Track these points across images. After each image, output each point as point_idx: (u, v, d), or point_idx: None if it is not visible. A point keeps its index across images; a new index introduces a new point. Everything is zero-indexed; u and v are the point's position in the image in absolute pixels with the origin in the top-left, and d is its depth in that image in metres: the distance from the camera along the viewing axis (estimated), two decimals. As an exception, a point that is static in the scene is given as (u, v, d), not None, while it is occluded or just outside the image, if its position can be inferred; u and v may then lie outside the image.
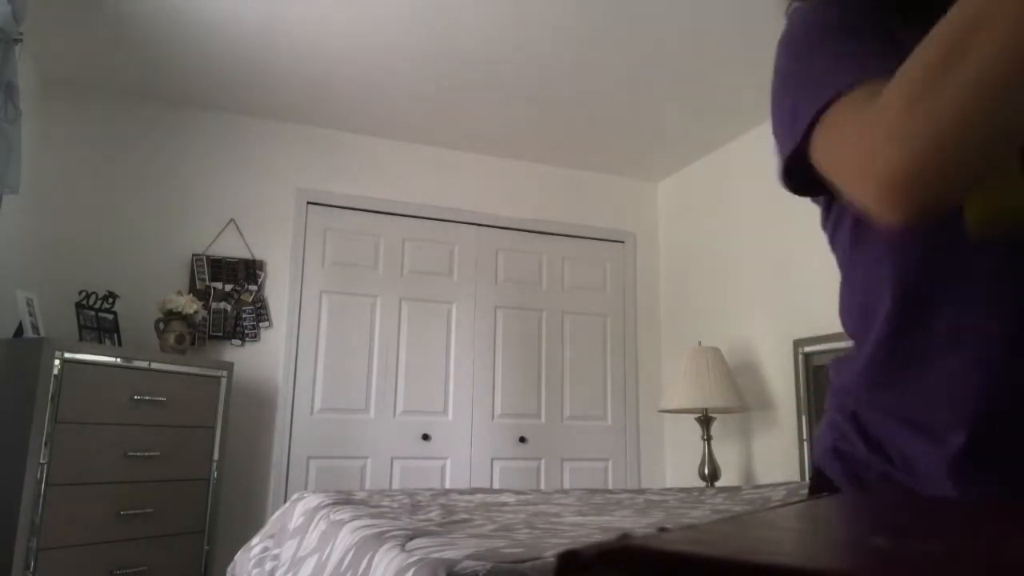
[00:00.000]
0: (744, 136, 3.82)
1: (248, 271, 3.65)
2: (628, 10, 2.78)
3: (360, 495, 2.18)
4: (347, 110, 3.71)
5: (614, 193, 4.47)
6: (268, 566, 1.87)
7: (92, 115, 3.52)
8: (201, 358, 3.30)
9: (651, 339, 4.39)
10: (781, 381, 3.42)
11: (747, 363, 3.65)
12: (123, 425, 2.73)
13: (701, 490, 2.91)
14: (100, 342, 3.10)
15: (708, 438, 3.48)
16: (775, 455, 3.44)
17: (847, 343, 0.84)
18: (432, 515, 1.76)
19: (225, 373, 3.13)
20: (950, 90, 0.48)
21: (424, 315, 3.98)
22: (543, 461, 4.04)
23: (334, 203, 3.89)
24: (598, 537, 1.40)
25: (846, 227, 0.75)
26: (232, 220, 3.68)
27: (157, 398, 2.83)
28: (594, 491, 2.75)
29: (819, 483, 0.80)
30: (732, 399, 3.34)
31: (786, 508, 0.50)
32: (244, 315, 3.61)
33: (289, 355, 3.66)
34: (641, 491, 2.79)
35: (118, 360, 2.77)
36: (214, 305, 3.56)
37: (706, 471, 3.42)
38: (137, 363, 2.81)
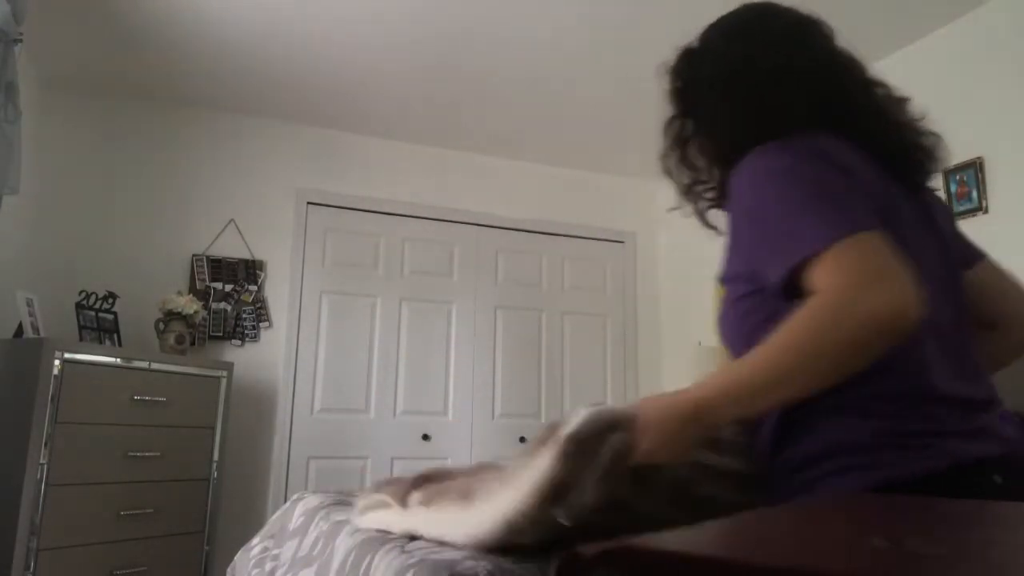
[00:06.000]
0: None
1: (248, 271, 3.65)
2: (628, 10, 2.78)
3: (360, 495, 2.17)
4: (347, 110, 3.71)
5: (614, 193, 4.47)
6: (268, 566, 1.87)
7: (92, 115, 3.52)
8: (201, 358, 3.30)
9: (651, 339, 4.39)
10: (781, 381, 3.41)
11: (747, 363, 3.64)
12: (123, 425, 2.72)
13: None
14: (100, 342, 3.10)
15: (708, 438, 3.47)
16: (775, 455, 3.43)
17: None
18: (432, 515, 1.75)
19: (225, 373, 3.12)
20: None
21: (424, 315, 3.98)
22: (543, 461, 4.03)
23: (334, 203, 3.89)
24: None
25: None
26: (232, 220, 3.68)
27: (157, 398, 2.83)
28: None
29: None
30: (732, 399, 3.34)
31: (785, 508, 0.50)
32: (244, 315, 3.61)
33: (289, 355, 3.66)
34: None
35: (118, 360, 2.76)
36: (214, 305, 3.56)
37: (706, 471, 3.42)
38: (137, 363, 2.81)
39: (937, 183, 2.95)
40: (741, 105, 1.03)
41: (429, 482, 1.14)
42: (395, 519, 1.31)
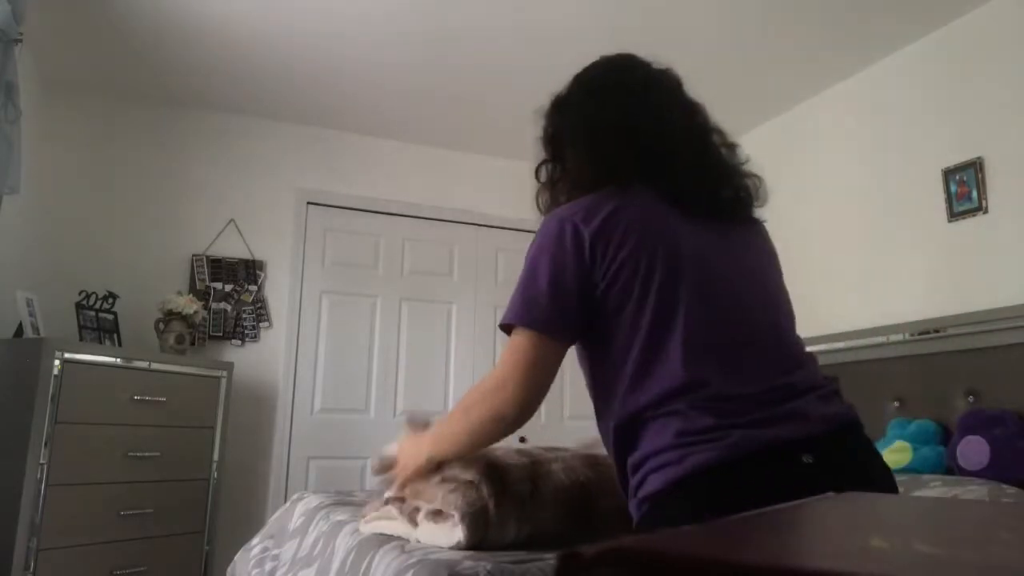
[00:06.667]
0: (739, 137, 3.82)
1: (248, 271, 3.65)
2: (628, 11, 2.78)
3: (360, 495, 2.17)
4: (347, 110, 3.71)
5: (614, 193, 4.47)
6: (268, 566, 1.87)
7: (92, 115, 3.52)
8: (201, 358, 3.30)
9: (651, 339, 4.39)
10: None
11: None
12: (123, 425, 2.72)
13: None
14: (100, 342, 3.10)
15: (708, 438, 3.47)
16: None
17: (845, 342, 1.00)
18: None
19: (225, 373, 3.12)
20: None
21: (424, 315, 3.98)
22: (543, 461, 4.03)
23: (334, 203, 3.89)
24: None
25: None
26: (232, 220, 3.68)
27: (157, 398, 2.83)
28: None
29: None
30: (732, 399, 3.33)
31: (784, 509, 0.50)
32: (244, 315, 3.61)
33: (289, 355, 3.66)
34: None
35: (118, 360, 2.77)
36: (214, 305, 3.56)
37: (706, 471, 3.41)
38: (137, 363, 2.81)
39: (937, 183, 2.96)
40: (588, 157, 1.22)
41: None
42: (402, 531, 1.34)
